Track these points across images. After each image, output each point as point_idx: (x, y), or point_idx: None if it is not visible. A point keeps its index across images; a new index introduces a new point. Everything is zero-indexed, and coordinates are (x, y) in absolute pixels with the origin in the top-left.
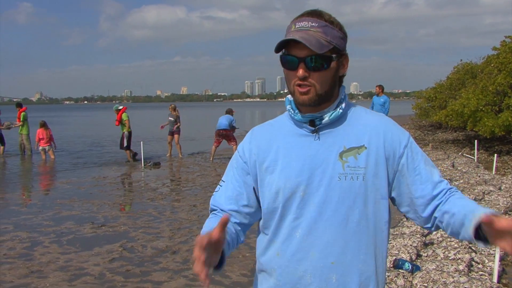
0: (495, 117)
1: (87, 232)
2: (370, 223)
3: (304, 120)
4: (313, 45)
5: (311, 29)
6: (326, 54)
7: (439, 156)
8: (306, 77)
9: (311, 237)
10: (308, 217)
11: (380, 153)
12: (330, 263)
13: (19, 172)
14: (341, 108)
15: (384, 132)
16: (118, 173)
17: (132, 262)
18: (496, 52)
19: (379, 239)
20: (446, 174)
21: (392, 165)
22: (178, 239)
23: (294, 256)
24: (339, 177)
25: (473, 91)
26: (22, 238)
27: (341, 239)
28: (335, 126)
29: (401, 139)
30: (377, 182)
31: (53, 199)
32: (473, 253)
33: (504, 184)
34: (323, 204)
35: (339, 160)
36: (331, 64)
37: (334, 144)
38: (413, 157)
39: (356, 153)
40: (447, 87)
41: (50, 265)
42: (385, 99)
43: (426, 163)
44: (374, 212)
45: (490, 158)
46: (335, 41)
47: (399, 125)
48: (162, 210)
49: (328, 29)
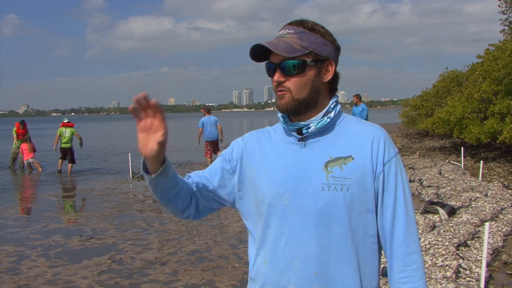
0: (481, 124)
1: (75, 245)
2: (355, 236)
3: (291, 128)
4: (280, 49)
5: (287, 35)
6: (300, 59)
7: (426, 163)
8: (282, 82)
9: (295, 246)
10: (291, 227)
11: (367, 165)
12: (313, 274)
13: (6, 185)
14: (329, 117)
15: (372, 144)
16: (105, 185)
17: (121, 274)
18: (481, 60)
19: (364, 253)
20: (433, 181)
21: (375, 180)
22: (167, 250)
23: (278, 266)
24: (322, 188)
25: (458, 98)
26: (9, 252)
27: (324, 250)
28: (323, 135)
29: (384, 155)
30: (362, 195)
31: (40, 212)
32: (460, 259)
33: (490, 190)
34: (306, 214)
35: (323, 170)
36: (306, 69)
37: (321, 154)
38: (388, 177)
39: (342, 163)
40: (433, 95)
41: (37, 279)
42: (362, 107)
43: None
44: (358, 225)
45: (477, 165)
46: (312, 46)
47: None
48: (150, 222)
49: (304, 35)
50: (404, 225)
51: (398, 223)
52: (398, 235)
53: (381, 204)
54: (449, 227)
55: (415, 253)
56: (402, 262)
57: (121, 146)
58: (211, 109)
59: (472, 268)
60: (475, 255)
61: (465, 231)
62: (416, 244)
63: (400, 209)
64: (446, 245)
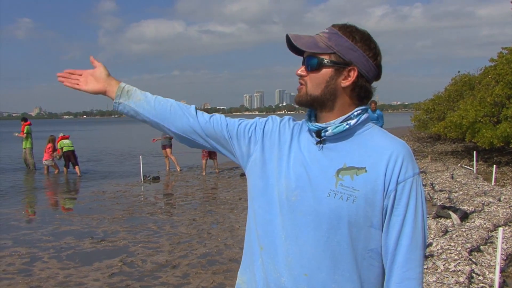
0: (494, 128)
1: (86, 247)
2: (354, 248)
3: (312, 129)
4: (300, 43)
5: (320, 33)
6: (318, 56)
7: (438, 167)
8: (303, 76)
9: (293, 243)
10: (293, 222)
11: (379, 180)
12: (303, 274)
13: (20, 187)
14: (348, 124)
15: (389, 160)
16: (117, 188)
17: (132, 277)
18: (494, 63)
19: (363, 267)
20: (445, 185)
21: (385, 197)
22: (178, 253)
23: (277, 256)
24: (329, 193)
25: (471, 102)
26: (22, 254)
27: (319, 255)
28: (341, 141)
29: (400, 173)
30: (368, 209)
31: (52, 214)
32: (473, 265)
33: (504, 195)
34: (308, 215)
35: (335, 176)
36: (322, 67)
37: (335, 159)
38: (401, 197)
39: (354, 174)
40: (445, 98)
41: (49, 281)
42: (379, 114)
43: (413, 219)
44: (359, 237)
45: (489, 169)
46: (337, 48)
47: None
48: (161, 225)
49: (335, 36)
50: (408, 249)
51: (402, 245)
52: (399, 257)
53: (388, 223)
54: (461, 232)
55: (412, 280)
56: (397, 286)
57: (132, 148)
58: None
59: (486, 274)
60: (488, 261)
61: (478, 236)
62: (417, 271)
63: (407, 231)
64: (459, 250)
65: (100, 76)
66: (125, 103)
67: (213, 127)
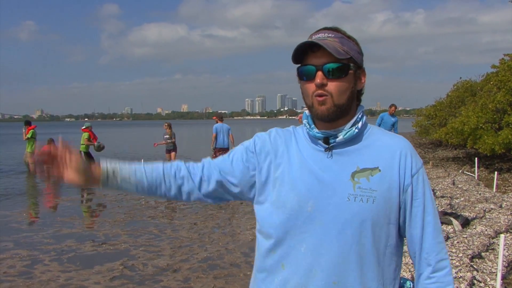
0: (495, 135)
1: (87, 250)
2: (376, 248)
3: (319, 136)
4: (331, 49)
5: (328, 38)
6: (344, 62)
7: (440, 173)
8: (324, 85)
9: (316, 253)
10: (313, 234)
11: (394, 178)
12: (332, 283)
13: (21, 190)
14: (357, 127)
15: (400, 157)
16: (118, 191)
17: (133, 280)
18: (495, 70)
19: (384, 264)
20: (447, 191)
21: (401, 192)
22: (179, 257)
23: (299, 270)
24: (349, 198)
25: (472, 108)
26: (22, 256)
27: (345, 260)
28: (350, 145)
29: (412, 167)
30: (387, 207)
31: (53, 217)
32: (474, 271)
33: (505, 201)
34: (329, 223)
35: (350, 180)
36: (349, 73)
37: (347, 163)
38: (417, 188)
39: (369, 175)
40: (447, 104)
41: (50, 284)
42: (395, 119)
43: (430, 205)
44: (381, 236)
45: (491, 176)
46: (352, 52)
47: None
48: (163, 228)
49: (344, 40)
50: (434, 233)
51: (428, 232)
52: (428, 244)
53: (410, 215)
54: (463, 238)
55: (445, 260)
56: (431, 269)
57: (134, 152)
58: (223, 117)
59: (487, 281)
60: (490, 267)
61: (479, 242)
62: (445, 251)
63: (429, 218)
64: (460, 256)
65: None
66: (110, 186)
67: (223, 192)
